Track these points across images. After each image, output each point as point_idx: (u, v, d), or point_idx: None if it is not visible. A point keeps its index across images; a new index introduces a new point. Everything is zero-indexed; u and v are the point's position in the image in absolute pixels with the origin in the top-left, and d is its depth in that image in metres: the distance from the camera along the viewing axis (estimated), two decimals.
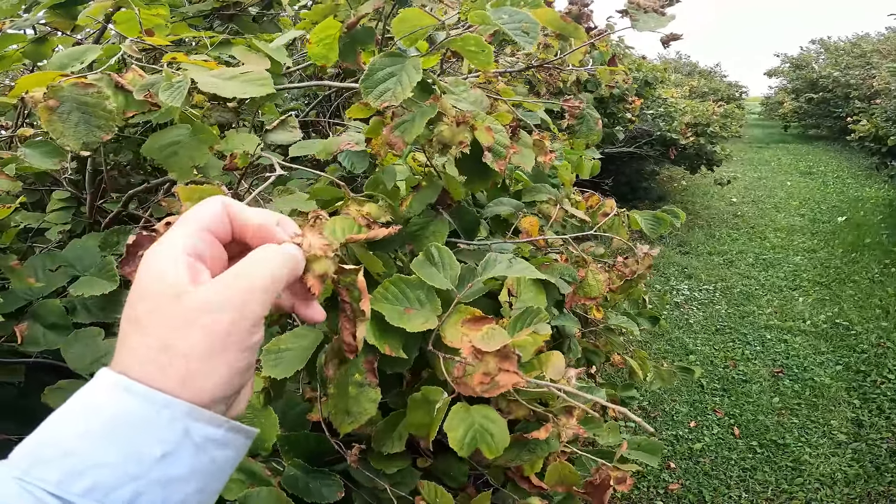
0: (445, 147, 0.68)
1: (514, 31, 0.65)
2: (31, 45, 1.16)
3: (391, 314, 0.59)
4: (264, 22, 1.67)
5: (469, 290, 0.64)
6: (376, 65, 0.68)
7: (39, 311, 0.89)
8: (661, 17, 1.01)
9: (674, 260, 5.59)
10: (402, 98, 0.64)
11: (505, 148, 0.70)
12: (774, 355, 3.86)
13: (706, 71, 18.55)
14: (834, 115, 12.39)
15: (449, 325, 0.62)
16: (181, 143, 0.89)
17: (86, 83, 0.79)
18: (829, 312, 4.39)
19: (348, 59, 0.90)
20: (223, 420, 0.35)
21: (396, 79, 0.66)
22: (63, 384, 0.82)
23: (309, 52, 0.96)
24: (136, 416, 0.33)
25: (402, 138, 0.64)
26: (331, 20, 0.94)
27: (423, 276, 0.61)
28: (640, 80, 5.63)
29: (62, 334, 0.87)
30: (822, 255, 5.64)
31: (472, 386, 0.52)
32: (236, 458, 0.37)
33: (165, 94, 0.74)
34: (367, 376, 0.59)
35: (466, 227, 0.95)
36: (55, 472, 0.31)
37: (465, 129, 0.67)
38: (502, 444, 0.61)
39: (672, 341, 4.07)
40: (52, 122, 0.78)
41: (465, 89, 0.89)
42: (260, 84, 0.80)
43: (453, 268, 0.64)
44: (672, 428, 3.13)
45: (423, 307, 0.62)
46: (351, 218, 0.62)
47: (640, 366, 1.72)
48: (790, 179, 9.21)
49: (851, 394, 3.39)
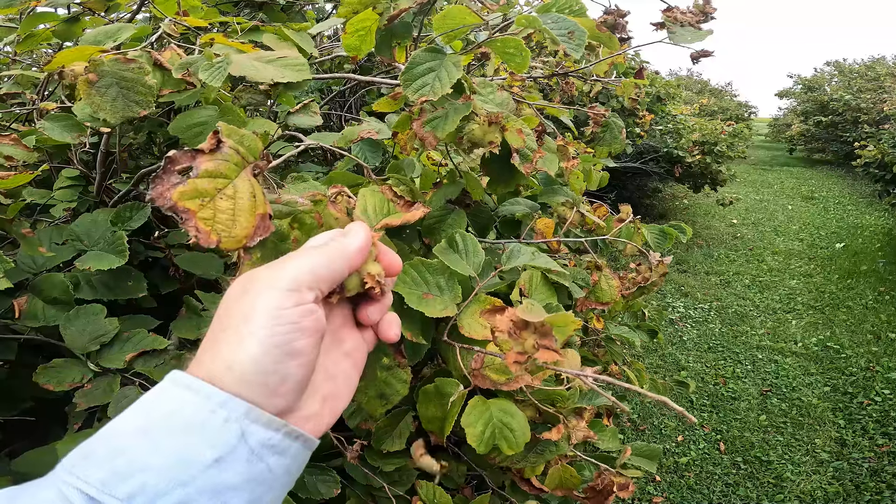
0: (474, 146, 0.69)
1: (562, 37, 0.65)
2: (62, 25, 1.17)
3: (410, 297, 0.58)
4: (292, 13, 1.69)
5: (491, 280, 0.64)
6: (417, 59, 0.68)
7: (42, 284, 0.85)
8: (698, 32, 1.01)
9: (671, 277, 5.61)
10: (441, 94, 0.64)
11: (532, 151, 0.71)
12: (764, 374, 3.89)
13: (717, 89, 18.56)
14: (841, 140, 12.40)
15: (467, 314, 0.62)
16: (208, 124, 0.89)
17: (127, 59, 0.80)
18: (821, 336, 4.43)
19: (384, 52, 0.90)
20: (281, 423, 0.34)
21: (435, 74, 0.66)
22: (57, 363, 0.79)
23: (343, 41, 0.96)
24: (191, 415, 0.31)
25: (433, 133, 0.65)
26: (369, 12, 0.95)
27: (446, 261, 0.61)
28: (652, 96, 5.65)
29: (63, 310, 0.83)
30: (818, 279, 5.67)
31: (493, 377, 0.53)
32: (294, 468, 0.35)
33: (206, 74, 0.75)
34: (396, 357, 0.59)
35: (479, 225, 0.96)
36: (102, 471, 0.29)
37: (496, 129, 0.68)
38: (523, 440, 0.60)
39: (665, 357, 4.09)
40: (91, 96, 0.79)
41: (492, 91, 0.90)
42: (297, 69, 0.80)
43: (477, 255, 0.64)
44: (659, 441, 3.16)
45: (442, 293, 0.61)
46: (380, 193, 0.62)
47: (638, 377, 1.74)
48: (791, 203, 9.23)
49: (837, 414, 3.44)
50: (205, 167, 0.43)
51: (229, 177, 0.45)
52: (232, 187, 0.44)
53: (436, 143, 0.65)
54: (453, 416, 0.59)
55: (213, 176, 0.44)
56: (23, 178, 0.89)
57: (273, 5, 1.64)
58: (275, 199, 0.49)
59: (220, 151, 0.45)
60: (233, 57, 0.77)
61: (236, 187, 0.44)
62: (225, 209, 0.43)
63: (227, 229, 0.43)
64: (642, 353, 4.04)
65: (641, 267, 1.07)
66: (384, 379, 0.55)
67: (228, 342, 0.34)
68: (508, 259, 0.68)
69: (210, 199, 0.43)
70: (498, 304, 0.61)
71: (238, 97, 0.92)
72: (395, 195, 0.63)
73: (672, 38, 1.00)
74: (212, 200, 0.43)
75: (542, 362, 0.46)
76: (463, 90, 0.76)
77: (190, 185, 0.42)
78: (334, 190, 0.62)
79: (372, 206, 0.59)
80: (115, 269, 0.85)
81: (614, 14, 1.08)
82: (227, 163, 0.45)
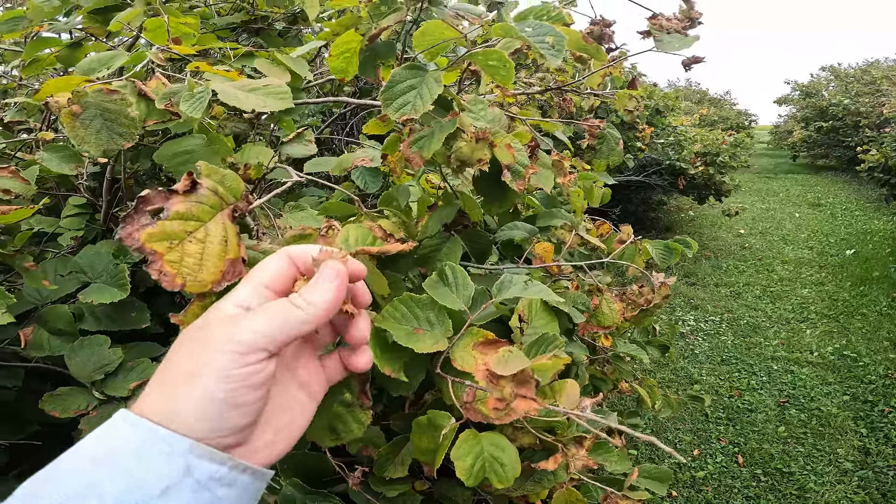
0: (463, 164, 0.67)
1: (540, 44, 0.63)
2: (65, 50, 1.18)
3: (399, 334, 0.57)
4: (289, 37, 1.69)
5: (483, 312, 0.62)
6: (397, 77, 0.66)
7: (47, 316, 0.88)
8: (685, 38, 0.99)
9: (680, 291, 5.55)
10: (423, 111, 0.62)
11: (524, 167, 0.69)
12: (781, 386, 3.81)
13: (716, 98, 18.61)
14: (843, 145, 12.38)
15: (459, 347, 0.60)
16: (195, 153, 0.87)
17: (109, 90, 0.78)
18: (837, 344, 4.35)
19: (368, 73, 0.89)
20: (226, 458, 0.35)
21: (416, 92, 0.64)
22: (63, 391, 0.81)
23: (328, 64, 0.95)
24: (138, 449, 0.33)
25: (419, 153, 0.63)
26: (352, 33, 0.94)
27: (435, 296, 0.60)
28: (651, 108, 5.65)
29: (68, 341, 0.86)
30: (830, 287, 5.59)
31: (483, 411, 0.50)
32: (245, 498, 0.37)
33: (186, 105, 0.74)
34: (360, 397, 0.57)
35: (478, 250, 0.94)
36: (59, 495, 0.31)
37: (484, 146, 0.66)
38: (513, 475, 0.58)
39: (677, 371, 4.02)
40: (75, 129, 0.77)
41: (483, 107, 0.88)
42: (280, 98, 0.79)
43: (467, 288, 0.62)
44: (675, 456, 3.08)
45: (433, 328, 0.60)
46: (366, 227, 0.61)
47: (649, 394, 1.69)
48: (798, 211, 9.18)
49: (858, 423, 3.36)
50: (176, 209, 0.42)
51: (202, 220, 0.44)
52: (203, 230, 0.43)
53: (422, 164, 0.63)
54: (444, 448, 0.58)
55: (185, 218, 0.43)
56: (22, 213, 0.89)
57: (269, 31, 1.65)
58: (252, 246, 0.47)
59: (196, 193, 0.44)
60: (215, 86, 0.76)
61: (208, 231, 0.44)
62: (193, 253, 0.42)
63: (193, 273, 0.42)
64: (654, 368, 3.97)
65: (644, 289, 1.04)
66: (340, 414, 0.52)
67: (176, 389, 0.35)
68: (500, 291, 0.65)
69: (179, 241, 0.42)
70: (490, 337, 0.59)
71: (223, 126, 0.91)
72: (385, 234, 0.61)
73: (659, 47, 0.98)
74: (181, 243, 0.42)
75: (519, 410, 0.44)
76: (450, 107, 0.74)
77: (159, 226, 0.41)
78: (325, 224, 0.60)
79: (354, 238, 0.58)
80: (119, 301, 0.87)
81: (600, 24, 1.06)
82: (202, 205, 0.44)
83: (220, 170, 0.45)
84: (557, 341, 0.67)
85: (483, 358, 0.60)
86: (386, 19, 0.82)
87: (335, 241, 0.55)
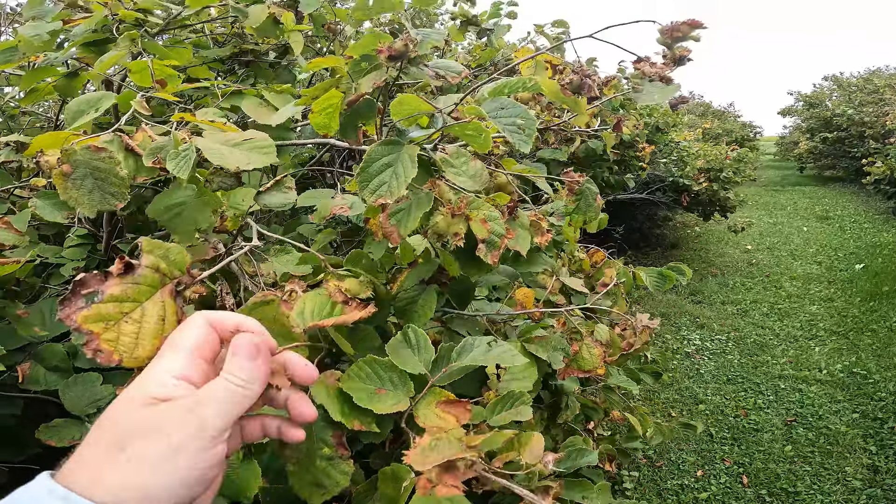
0: (440, 237, 0.69)
1: (510, 127, 0.65)
2: (63, 80, 1.20)
3: (360, 395, 0.60)
4: (279, 68, 1.72)
5: (443, 374, 0.65)
6: (373, 155, 0.68)
7: (43, 353, 0.95)
8: (666, 88, 0.98)
9: (686, 309, 5.52)
10: (398, 195, 0.64)
11: (500, 237, 0.71)
12: (788, 404, 3.78)
13: (720, 111, 18.53)
14: (850, 156, 12.29)
15: (423, 406, 0.63)
16: (186, 205, 0.89)
17: (97, 147, 0.75)
18: (846, 361, 4.31)
19: (349, 134, 0.89)
20: None
21: (392, 171, 0.66)
22: (58, 422, 0.86)
23: (311, 120, 0.98)
24: None
25: (397, 229, 0.65)
26: (333, 91, 0.97)
27: (396, 360, 0.63)
28: (651, 126, 5.65)
29: (63, 377, 0.93)
30: (840, 304, 5.54)
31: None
32: None
33: (172, 164, 0.74)
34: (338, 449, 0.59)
35: (458, 295, 0.96)
36: None
37: (460, 221, 0.69)
38: None
39: (682, 391, 4.00)
40: (68, 190, 0.75)
41: (465, 161, 0.90)
42: (264, 152, 0.80)
43: (428, 351, 0.65)
44: (678, 477, 3.06)
45: (395, 388, 0.63)
46: (326, 294, 0.64)
47: (641, 422, 1.71)
48: (807, 225, 9.11)
49: (868, 441, 3.32)
50: (111, 292, 0.44)
51: (138, 300, 0.46)
52: (140, 311, 0.45)
53: (399, 240, 0.66)
54: (404, 499, 0.60)
55: (119, 300, 0.45)
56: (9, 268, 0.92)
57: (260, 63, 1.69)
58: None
59: (132, 274, 0.46)
60: (200, 143, 0.76)
61: (144, 311, 0.45)
62: (129, 332, 0.44)
63: (129, 351, 0.44)
64: (658, 388, 3.95)
65: (626, 332, 1.06)
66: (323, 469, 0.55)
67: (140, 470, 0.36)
68: (459, 355, 0.67)
69: (115, 322, 0.44)
70: (451, 397, 0.62)
71: (210, 181, 0.95)
72: (345, 299, 0.64)
73: (637, 98, 0.97)
74: (116, 324, 0.44)
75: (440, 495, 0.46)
76: (430, 174, 0.77)
77: (94, 309, 0.43)
78: (289, 287, 0.64)
79: (310, 310, 0.61)
80: None
81: (580, 73, 1.07)
82: (138, 286, 0.46)
83: (163, 244, 0.48)
84: (524, 398, 0.70)
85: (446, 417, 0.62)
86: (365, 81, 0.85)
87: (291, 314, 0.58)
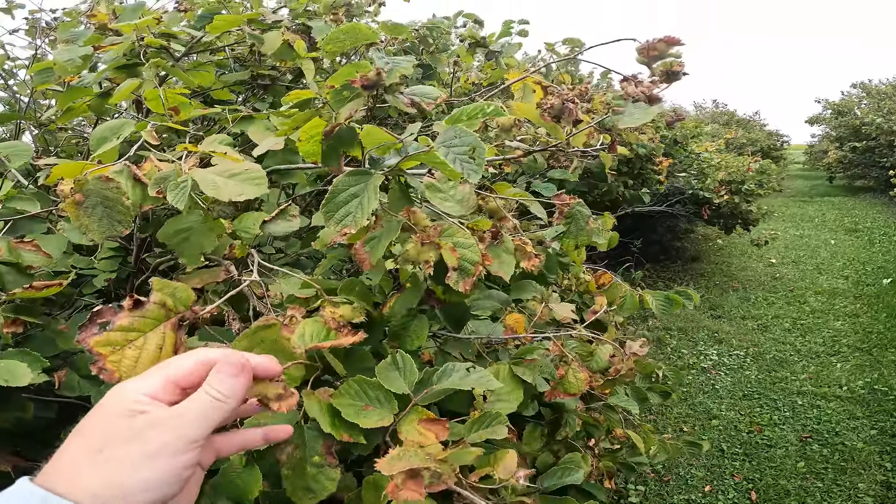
0: (413, 264, 0.74)
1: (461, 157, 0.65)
2: (95, 99, 1.29)
3: (348, 411, 0.67)
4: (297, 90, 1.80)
5: (425, 395, 0.70)
6: (340, 185, 0.71)
7: (79, 362, 1.04)
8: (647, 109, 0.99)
9: (704, 324, 5.46)
10: (361, 224, 0.69)
11: (474, 265, 0.75)
12: (805, 420, 3.73)
13: (745, 120, 18.21)
14: (879, 165, 12.01)
15: (406, 422, 0.68)
16: (192, 230, 0.96)
17: (107, 178, 0.83)
18: (868, 378, 4.23)
19: (331, 161, 0.88)
20: None
21: (358, 201, 0.69)
22: None
23: (300, 149, 1.00)
24: None
25: (369, 257, 0.70)
26: (317, 119, 0.97)
27: (383, 381, 0.69)
28: (668, 139, 5.59)
29: (95, 384, 1.01)
30: (865, 319, 5.43)
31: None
32: None
33: (171, 195, 0.81)
34: (327, 458, 0.64)
35: (454, 319, 0.99)
36: None
37: (430, 249, 0.73)
38: None
39: (695, 406, 3.97)
40: (80, 217, 0.82)
41: (453, 185, 0.94)
42: (256, 184, 0.86)
43: (413, 374, 0.71)
44: (685, 492, 3.04)
45: (381, 405, 0.69)
46: (322, 321, 0.69)
47: (644, 440, 1.71)
48: (834, 237, 8.92)
49: (884, 457, 3.28)
50: (120, 323, 0.54)
51: (143, 331, 0.55)
52: (143, 339, 0.55)
53: (370, 266, 0.71)
54: None
55: (126, 330, 0.54)
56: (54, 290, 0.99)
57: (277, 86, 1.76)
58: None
59: (140, 309, 0.55)
60: (196, 175, 0.82)
61: (146, 340, 0.55)
62: (130, 357, 0.54)
63: (128, 372, 0.53)
64: (671, 403, 3.92)
65: (615, 358, 1.08)
66: (313, 475, 0.60)
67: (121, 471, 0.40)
68: (439, 379, 0.73)
69: (120, 347, 0.54)
70: (432, 416, 0.67)
71: (212, 209, 1.01)
72: (338, 326, 0.69)
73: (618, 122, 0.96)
74: (121, 349, 0.54)
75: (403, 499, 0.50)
76: (409, 201, 0.81)
77: (105, 336, 0.54)
78: (291, 312, 0.69)
79: (309, 334, 0.66)
80: None
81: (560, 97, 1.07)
82: (144, 319, 0.55)
83: (171, 283, 0.57)
84: (500, 418, 0.74)
85: (426, 433, 0.67)
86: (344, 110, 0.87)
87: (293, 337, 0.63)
